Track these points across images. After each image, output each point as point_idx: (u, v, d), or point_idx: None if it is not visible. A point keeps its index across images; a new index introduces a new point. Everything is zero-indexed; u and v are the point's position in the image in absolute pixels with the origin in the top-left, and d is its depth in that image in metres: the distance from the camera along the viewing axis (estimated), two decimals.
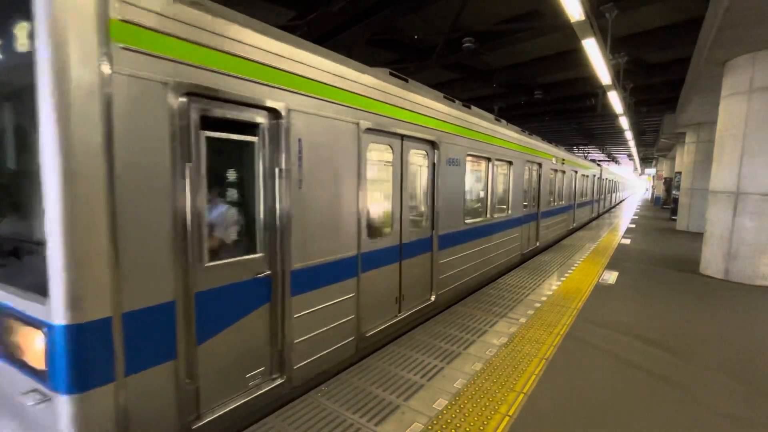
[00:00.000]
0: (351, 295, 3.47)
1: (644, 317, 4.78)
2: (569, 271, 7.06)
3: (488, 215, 6.33)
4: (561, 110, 17.34)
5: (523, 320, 4.55)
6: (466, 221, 5.53)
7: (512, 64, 11.25)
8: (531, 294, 5.61)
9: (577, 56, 8.93)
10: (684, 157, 14.51)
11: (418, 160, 4.56)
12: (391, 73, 4.16)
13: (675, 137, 16.88)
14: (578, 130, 22.30)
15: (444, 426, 2.60)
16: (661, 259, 8.37)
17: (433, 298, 4.82)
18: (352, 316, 3.50)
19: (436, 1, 6.84)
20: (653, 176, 38.73)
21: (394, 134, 3.99)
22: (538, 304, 5.13)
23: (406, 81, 4.35)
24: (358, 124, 3.40)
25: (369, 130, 3.56)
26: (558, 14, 6.08)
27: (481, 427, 2.59)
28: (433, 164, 4.70)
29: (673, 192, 17.81)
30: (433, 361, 3.52)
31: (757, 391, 3.14)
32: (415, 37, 9.06)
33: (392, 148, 4.04)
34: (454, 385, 3.12)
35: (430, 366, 3.42)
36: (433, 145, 4.64)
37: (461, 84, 12.62)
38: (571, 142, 27.79)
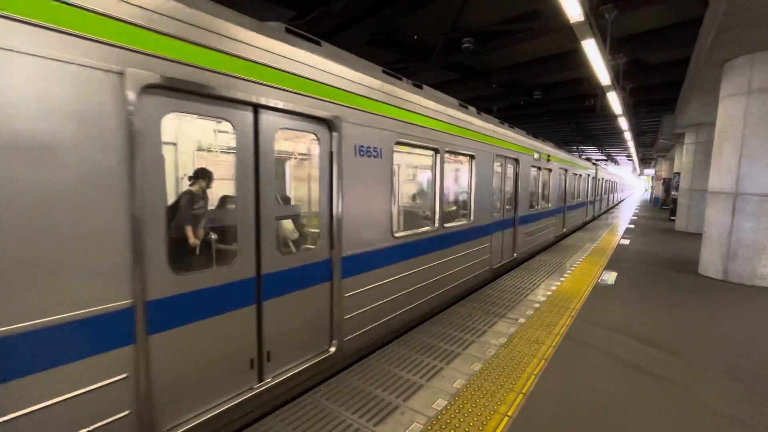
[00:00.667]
0: (120, 377, 2.04)
1: (643, 318, 4.78)
2: (568, 272, 7.07)
3: (436, 224, 4.91)
4: (560, 111, 17.36)
5: (522, 320, 4.55)
6: (397, 234, 4.15)
7: (511, 65, 11.27)
8: (530, 294, 5.61)
9: (576, 57, 8.94)
10: (683, 158, 14.54)
11: (294, 146, 3.39)
12: (287, 30, 3.06)
13: (674, 138, 16.90)
14: (577, 131, 22.32)
15: (443, 426, 2.61)
16: (660, 260, 8.38)
17: (333, 348, 3.39)
18: (126, 413, 2.07)
19: (435, 2, 6.84)
20: (652, 177, 38.81)
21: (236, 102, 2.56)
22: (537, 305, 5.14)
23: (319, 44, 3.27)
24: (123, 74, 1.97)
25: (160, 88, 2.15)
26: (557, 15, 6.10)
27: (481, 428, 2.60)
28: (330, 153, 3.29)
29: (672, 192, 17.84)
30: (432, 361, 3.52)
31: (755, 391, 3.15)
32: (415, 37, 9.07)
33: (234, 126, 2.61)
34: (454, 385, 3.12)
35: (429, 366, 3.43)
36: (328, 125, 3.25)
37: (461, 84, 12.64)
38: (570, 142, 27.83)
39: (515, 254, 7.70)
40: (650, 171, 43.06)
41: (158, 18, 2.11)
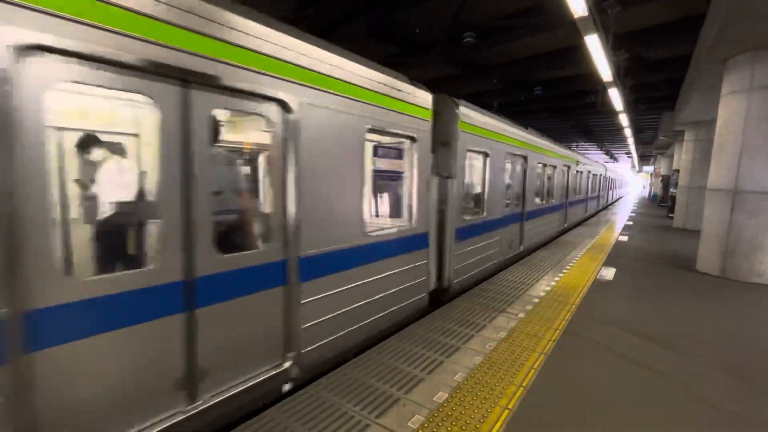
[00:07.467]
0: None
1: (641, 313, 4.82)
2: (567, 267, 7.10)
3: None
4: (561, 107, 17.33)
5: (521, 315, 4.58)
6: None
7: (512, 60, 11.23)
8: (530, 290, 5.64)
9: (577, 53, 8.92)
10: (682, 155, 14.56)
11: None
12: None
13: (673, 135, 16.92)
14: (577, 127, 22.32)
15: (444, 418, 2.63)
16: (658, 256, 8.42)
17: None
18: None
19: None
20: (651, 174, 38.87)
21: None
22: (536, 300, 5.16)
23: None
24: None
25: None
26: (559, 10, 6.08)
27: (482, 420, 2.62)
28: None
29: (671, 190, 17.88)
30: (432, 354, 3.54)
31: (752, 387, 3.18)
32: (417, 31, 9.02)
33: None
34: (454, 378, 3.14)
35: (430, 360, 3.45)
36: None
37: (462, 79, 12.60)
38: (570, 139, 27.82)
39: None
40: (649, 168, 43.11)
41: None
